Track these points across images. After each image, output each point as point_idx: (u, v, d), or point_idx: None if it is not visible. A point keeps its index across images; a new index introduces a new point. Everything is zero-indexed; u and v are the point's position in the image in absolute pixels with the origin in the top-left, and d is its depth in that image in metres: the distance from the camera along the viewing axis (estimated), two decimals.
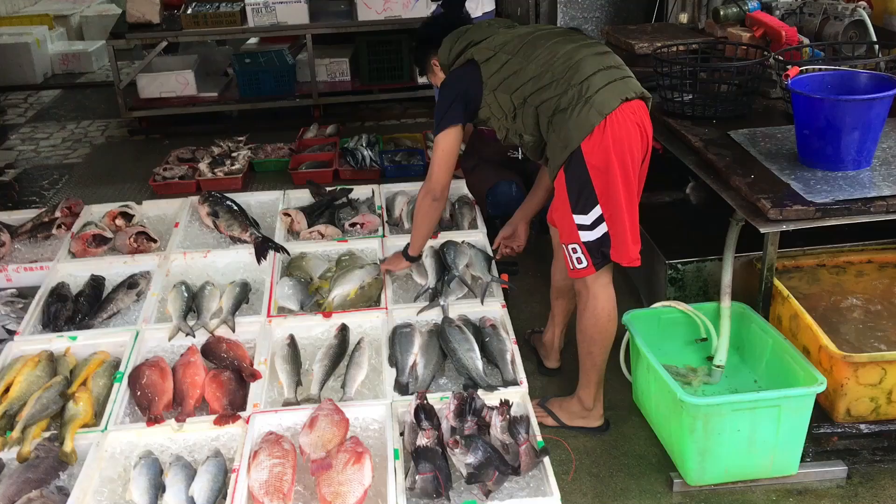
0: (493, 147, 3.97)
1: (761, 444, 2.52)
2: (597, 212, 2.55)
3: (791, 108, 2.92)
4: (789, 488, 2.63)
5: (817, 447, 2.65)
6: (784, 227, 2.47)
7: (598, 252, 2.60)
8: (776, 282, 2.79)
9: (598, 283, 2.67)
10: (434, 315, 3.08)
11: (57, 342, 2.99)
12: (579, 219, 2.58)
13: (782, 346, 2.68)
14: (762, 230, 2.48)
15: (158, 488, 2.35)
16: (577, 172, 2.53)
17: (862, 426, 2.63)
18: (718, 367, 2.76)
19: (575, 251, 2.62)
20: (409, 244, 3.14)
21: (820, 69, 2.91)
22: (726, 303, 2.83)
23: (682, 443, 2.55)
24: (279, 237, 3.66)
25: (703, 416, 2.45)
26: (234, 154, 5.13)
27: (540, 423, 2.66)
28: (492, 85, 2.68)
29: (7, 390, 2.72)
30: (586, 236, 2.59)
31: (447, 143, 2.80)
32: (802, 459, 2.61)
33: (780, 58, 3.22)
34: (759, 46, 3.45)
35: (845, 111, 2.58)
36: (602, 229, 2.58)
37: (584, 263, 2.62)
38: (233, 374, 2.80)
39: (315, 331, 3.08)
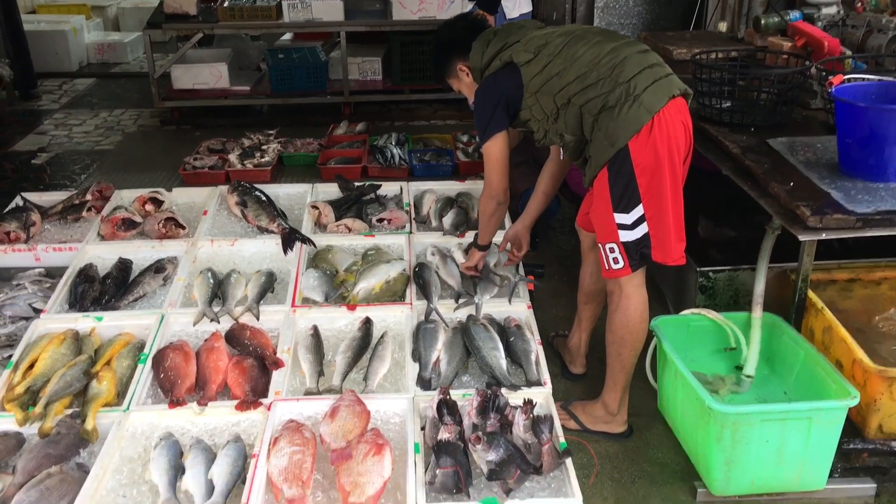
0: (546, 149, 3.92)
1: (790, 457, 2.46)
2: (639, 211, 2.51)
3: (832, 119, 2.87)
4: (816, 503, 2.57)
5: (846, 463, 2.59)
6: (823, 236, 2.41)
7: (637, 252, 2.56)
8: (810, 293, 2.73)
9: (632, 284, 2.63)
10: (458, 314, 3.06)
11: (83, 322, 3.00)
12: (620, 217, 2.54)
13: (814, 359, 2.62)
14: (801, 238, 2.43)
15: (178, 470, 2.35)
16: (622, 171, 2.49)
17: (893, 443, 2.57)
18: (748, 376, 2.70)
19: (612, 251, 2.58)
20: (477, 235, 3.17)
21: (864, 78, 2.85)
22: (758, 313, 2.78)
23: (709, 451, 2.50)
24: (306, 229, 3.65)
25: (732, 424, 2.40)
26: (263, 147, 5.14)
27: (562, 426, 2.62)
28: (533, 87, 2.64)
29: (31, 367, 2.74)
30: (626, 236, 2.55)
31: (497, 151, 2.78)
32: (831, 475, 2.55)
33: (822, 68, 3.17)
34: (801, 56, 3.40)
35: (890, 120, 2.53)
36: (643, 229, 2.54)
37: (621, 264, 2.57)
38: (255, 362, 2.79)
39: (339, 323, 3.07)
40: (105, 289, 3.21)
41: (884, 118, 2.55)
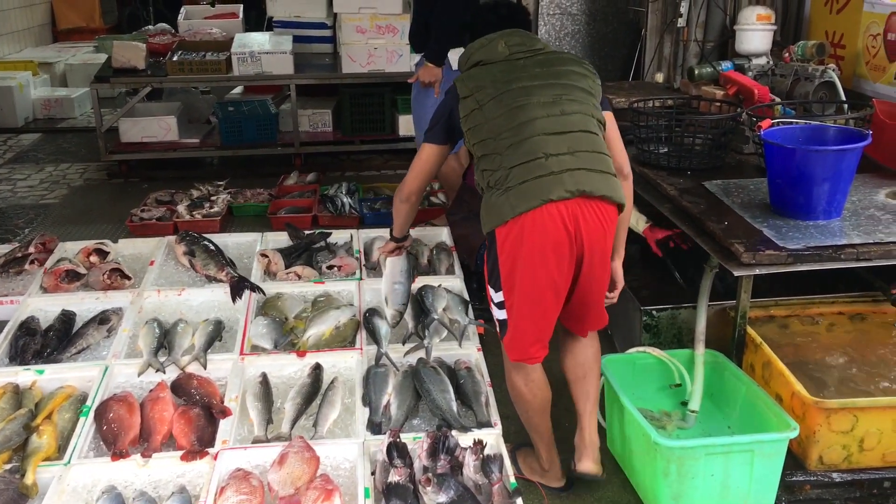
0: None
1: (735, 490, 2.50)
2: (501, 296, 2.50)
3: (763, 162, 3.00)
4: None
5: (790, 495, 2.63)
6: (757, 271, 2.51)
7: (505, 329, 2.57)
8: (749, 329, 2.81)
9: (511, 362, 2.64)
10: (408, 358, 3.07)
11: (23, 375, 2.93)
12: (492, 292, 2.54)
13: (755, 393, 2.69)
14: (736, 273, 2.52)
15: None
16: (491, 251, 2.47)
17: (834, 475, 2.62)
18: (693, 411, 2.76)
19: (494, 313, 2.60)
20: (392, 228, 3.31)
21: (792, 122, 3.00)
22: (700, 349, 2.85)
23: (656, 487, 2.52)
24: (256, 277, 3.64)
25: (678, 458, 2.44)
26: (213, 198, 5.13)
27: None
28: (464, 125, 2.58)
29: None
30: (497, 313, 2.56)
31: (425, 156, 2.81)
32: None
33: (753, 114, 3.32)
34: (733, 103, 3.56)
35: (817, 161, 2.66)
36: (504, 314, 2.53)
37: (498, 329, 2.60)
38: (202, 411, 2.75)
39: (288, 370, 3.05)
40: (47, 341, 3.14)
41: (811, 159, 2.68)
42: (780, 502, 2.60)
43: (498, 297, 2.51)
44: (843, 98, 3.54)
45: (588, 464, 2.63)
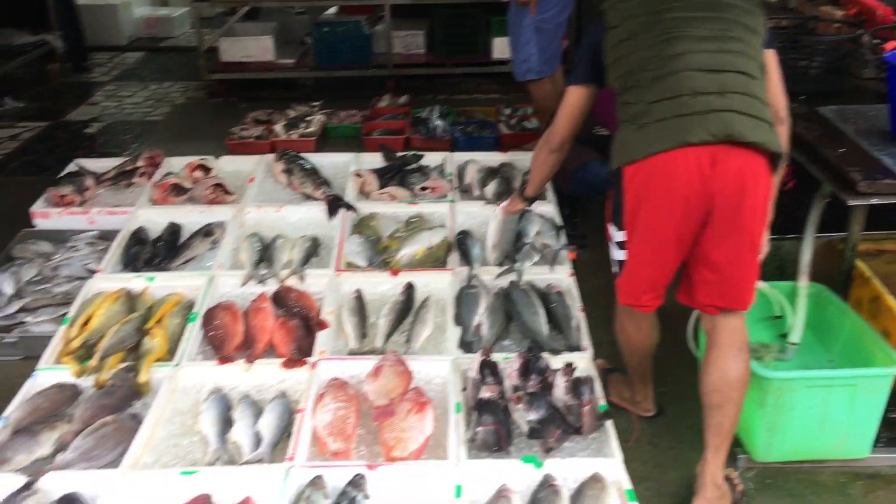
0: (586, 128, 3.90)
1: (833, 424, 2.44)
2: (622, 236, 2.33)
3: (884, 87, 2.82)
4: (858, 472, 2.55)
5: (891, 432, 2.56)
6: (874, 201, 2.38)
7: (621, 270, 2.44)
8: (858, 262, 2.69)
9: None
10: (499, 281, 3.08)
11: (135, 282, 3.10)
12: (613, 230, 2.38)
13: (860, 328, 2.59)
14: (850, 203, 2.40)
15: (227, 422, 2.42)
16: (618, 187, 2.28)
17: None
18: (793, 344, 2.68)
19: (612, 252, 2.45)
20: (525, 185, 3.06)
21: None
22: (804, 282, 2.75)
23: (751, 418, 2.49)
24: (350, 197, 3.70)
25: (775, 390, 2.39)
26: (308, 118, 5.19)
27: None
28: (608, 57, 2.35)
29: (87, 323, 2.83)
30: (615, 253, 2.40)
31: (571, 99, 2.57)
32: (874, 444, 2.52)
33: (875, 35, 3.10)
34: (853, 24, 3.33)
35: None
36: (622, 255, 2.36)
37: (616, 269, 2.45)
38: (301, 323, 2.85)
39: (382, 287, 3.12)
40: (156, 251, 3.30)
41: None
42: (880, 439, 2.54)
43: (619, 236, 2.34)
44: None
45: (703, 503, 2.35)
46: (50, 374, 2.65)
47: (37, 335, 3.05)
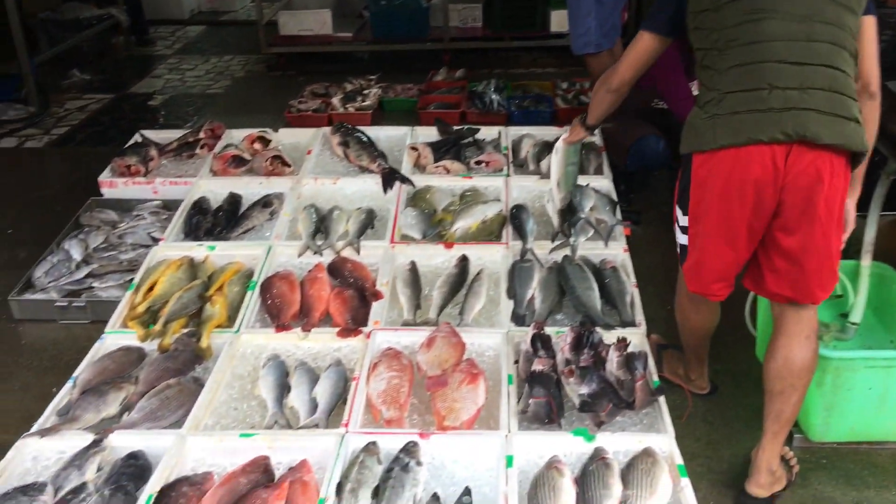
0: (637, 96, 3.84)
1: (892, 405, 2.40)
2: (686, 221, 2.29)
3: None
4: None
5: None
6: None
7: (683, 259, 2.40)
8: None
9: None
10: (553, 256, 3.08)
11: (197, 250, 3.19)
12: (679, 213, 2.33)
13: None
14: None
15: (284, 388, 2.48)
16: (685, 173, 2.24)
17: None
18: (853, 324, 2.63)
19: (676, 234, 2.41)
20: (585, 114, 2.87)
21: None
22: (867, 261, 2.69)
23: (808, 397, 2.43)
24: (405, 170, 3.73)
25: (834, 369, 2.35)
26: (365, 91, 5.22)
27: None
28: (690, 22, 2.22)
29: (151, 289, 2.93)
30: (679, 237, 2.35)
31: (641, 45, 2.43)
32: None
33: None
34: None
35: None
36: (685, 240, 2.33)
37: (679, 251, 2.41)
38: (356, 293, 2.90)
39: (436, 260, 3.15)
40: (217, 220, 3.39)
41: None
42: None
43: (683, 220, 2.30)
44: None
45: (755, 488, 2.33)
46: (117, 337, 2.75)
47: (104, 300, 3.18)
